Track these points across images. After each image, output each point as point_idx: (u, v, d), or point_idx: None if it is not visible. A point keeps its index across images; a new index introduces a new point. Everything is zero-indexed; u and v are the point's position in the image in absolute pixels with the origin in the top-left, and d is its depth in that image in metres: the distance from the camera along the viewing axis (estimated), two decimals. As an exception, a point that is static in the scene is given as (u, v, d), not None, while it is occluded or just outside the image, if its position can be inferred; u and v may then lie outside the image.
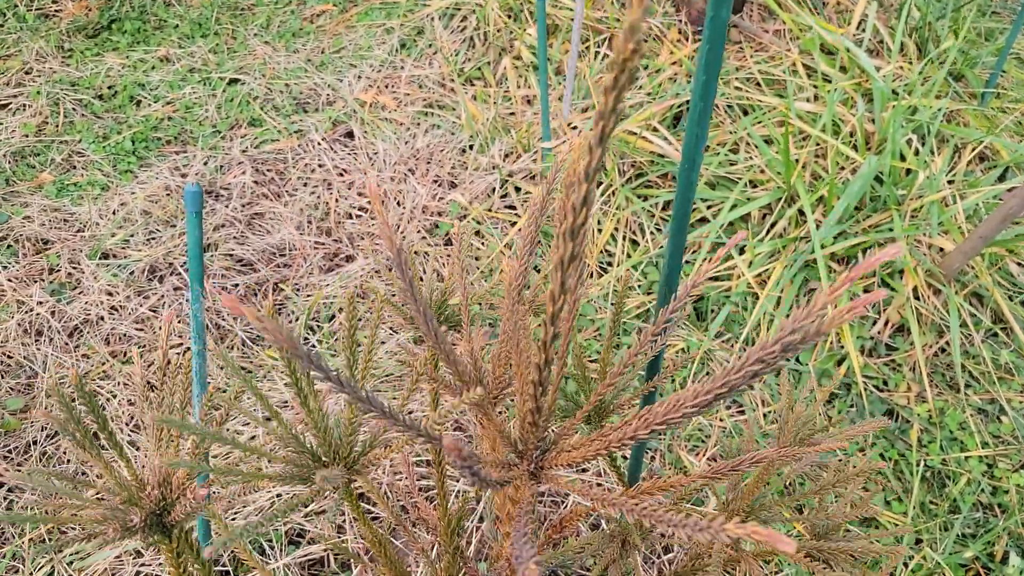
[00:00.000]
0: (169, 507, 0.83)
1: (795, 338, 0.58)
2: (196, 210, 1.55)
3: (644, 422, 0.69)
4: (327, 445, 0.82)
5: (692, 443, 2.34)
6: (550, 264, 0.52)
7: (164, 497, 0.82)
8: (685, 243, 1.14)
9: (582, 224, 0.50)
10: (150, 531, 0.80)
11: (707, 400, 0.65)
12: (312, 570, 2.04)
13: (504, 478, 0.73)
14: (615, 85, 0.44)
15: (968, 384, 2.50)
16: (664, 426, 0.68)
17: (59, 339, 2.53)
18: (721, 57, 0.99)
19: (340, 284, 2.74)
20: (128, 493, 0.79)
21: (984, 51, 3.38)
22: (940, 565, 2.09)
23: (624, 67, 0.43)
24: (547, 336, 0.59)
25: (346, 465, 0.85)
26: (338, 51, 3.79)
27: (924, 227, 2.67)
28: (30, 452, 2.24)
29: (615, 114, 0.45)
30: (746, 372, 0.62)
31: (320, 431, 0.81)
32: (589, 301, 2.68)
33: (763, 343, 0.60)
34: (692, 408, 0.65)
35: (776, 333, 0.59)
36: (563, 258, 0.51)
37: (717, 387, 0.63)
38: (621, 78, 0.43)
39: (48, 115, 3.37)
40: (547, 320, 0.58)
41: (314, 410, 0.81)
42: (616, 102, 0.45)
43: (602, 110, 0.45)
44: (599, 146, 0.46)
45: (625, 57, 0.42)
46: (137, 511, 0.80)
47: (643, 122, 3.05)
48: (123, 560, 2.00)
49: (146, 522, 0.79)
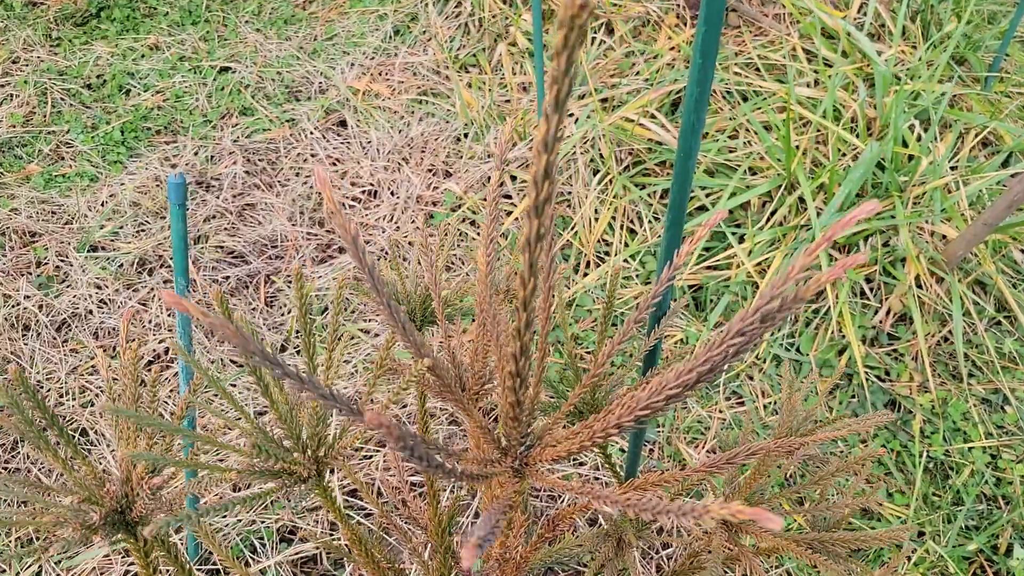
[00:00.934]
0: (131, 504, 0.78)
1: (774, 305, 0.54)
2: (180, 201, 1.50)
3: (627, 408, 0.65)
4: (295, 438, 0.78)
5: (691, 435, 2.30)
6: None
7: (125, 494, 0.78)
8: (683, 232, 1.09)
9: (546, 200, 0.46)
10: (112, 529, 0.76)
11: (690, 380, 0.61)
12: (305, 568, 2.00)
13: (484, 472, 0.69)
14: (566, 44, 0.40)
15: (971, 374, 2.46)
16: (648, 411, 0.64)
17: (47, 333, 2.48)
18: (718, 40, 0.94)
19: (333, 276, 2.69)
20: (87, 491, 0.75)
21: (987, 34, 3.32)
22: (943, 558, 2.06)
23: (573, 25, 0.39)
24: (520, 322, 0.55)
25: (315, 457, 0.81)
26: (331, 38, 3.73)
27: (927, 214, 2.63)
28: (17, 450, 2.20)
29: (568, 77, 0.42)
30: (727, 347, 0.58)
31: (284, 420, 0.77)
32: (587, 292, 2.63)
33: (742, 314, 0.56)
34: (675, 390, 0.62)
35: (755, 302, 0.55)
36: (529, 237, 0.47)
37: (699, 365, 0.60)
38: (571, 37, 0.40)
39: (36, 105, 3.32)
40: (519, 306, 0.54)
41: (278, 401, 0.77)
42: (569, 63, 0.41)
43: (555, 74, 0.42)
44: (555, 112, 0.43)
45: (573, 14, 0.39)
46: (96, 509, 0.75)
47: (640, 109, 3.00)
48: (111, 559, 1.96)
49: (106, 520, 0.75)
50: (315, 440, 0.80)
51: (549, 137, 0.43)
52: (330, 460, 0.81)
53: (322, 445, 0.82)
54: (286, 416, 0.77)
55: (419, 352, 0.67)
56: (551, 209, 0.47)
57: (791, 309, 0.54)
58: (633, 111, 2.99)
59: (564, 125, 0.44)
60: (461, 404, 0.78)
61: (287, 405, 0.77)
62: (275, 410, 0.76)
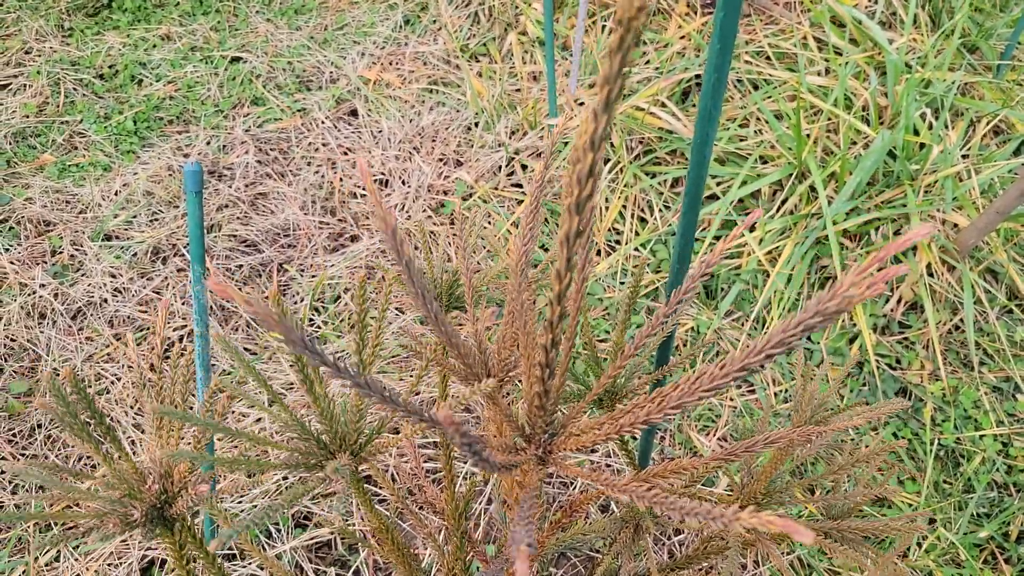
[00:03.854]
0: (171, 501, 0.80)
1: (816, 321, 0.55)
2: (196, 189, 1.51)
3: (658, 405, 0.66)
4: (333, 432, 0.79)
5: (703, 423, 2.32)
6: (556, 241, 0.49)
7: (165, 490, 0.80)
8: (698, 220, 1.10)
9: (588, 197, 0.47)
10: (152, 525, 0.78)
11: (724, 383, 0.62)
12: (319, 553, 2.03)
13: (510, 462, 0.70)
14: (621, 46, 0.40)
15: (983, 362, 2.46)
16: (678, 409, 0.65)
17: (62, 322, 2.50)
18: (736, 25, 0.95)
19: (345, 264, 2.71)
20: (128, 487, 0.76)
21: (999, 22, 3.30)
22: (954, 545, 2.07)
23: (630, 27, 0.39)
24: (553, 315, 0.56)
25: (352, 452, 0.82)
26: (341, 28, 3.73)
27: (938, 202, 2.62)
28: (34, 436, 2.23)
29: (621, 78, 0.42)
30: (766, 354, 0.59)
31: (326, 418, 0.78)
32: (597, 280, 2.64)
33: (785, 325, 0.57)
34: (708, 391, 0.63)
35: (799, 314, 0.56)
36: (568, 233, 0.48)
37: (735, 370, 0.61)
38: (627, 38, 0.40)
39: (49, 95, 3.33)
40: (553, 299, 0.55)
41: (320, 396, 0.78)
42: (622, 65, 0.41)
43: (607, 74, 0.42)
44: (604, 112, 0.43)
45: (631, 16, 0.39)
46: (138, 505, 0.77)
47: (651, 97, 2.99)
48: (128, 544, 1.99)
49: (147, 516, 0.77)
50: (354, 435, 0.81)
51: (597, 136, 0.44)
52: (367, 456, 0.82)
53: (360, 440, 0.83)
54: (326, 411, 0.78)
55: (449, 341, 0.68)
56: (592, 206, 0.47)
57: (830, 320, 0.55)
58: (644, 100, 2.99)
59: (612, 126, 0.45)
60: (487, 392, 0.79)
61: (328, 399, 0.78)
62: (316, 404, 0.77)
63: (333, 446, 0.81)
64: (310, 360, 0.46)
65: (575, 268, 0.52)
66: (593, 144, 0.44)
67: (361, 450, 0.83)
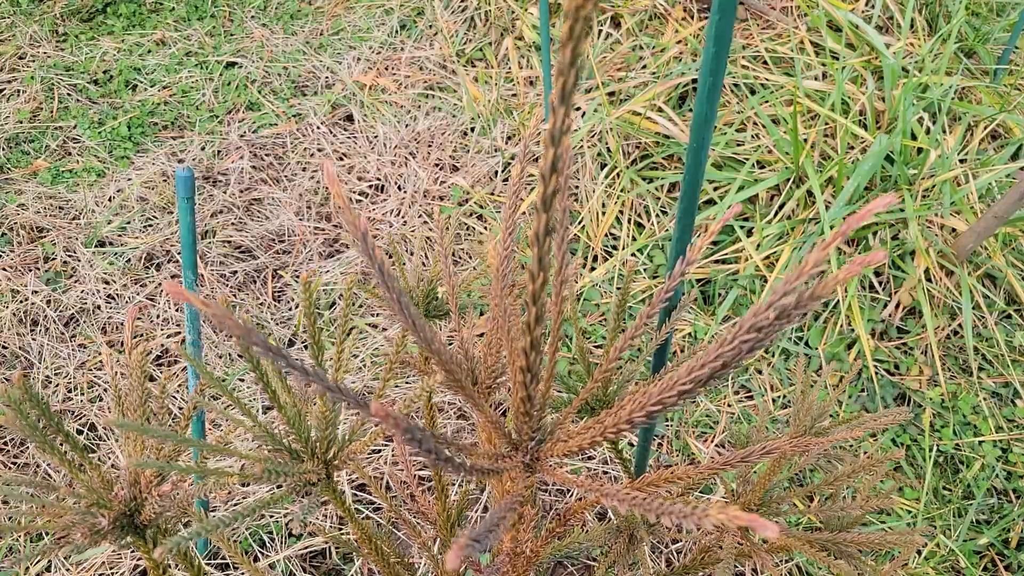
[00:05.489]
0: (139, 507, 0.78)
1: (789, 301, 0.54)
2: (188, 195, 1.50)
3: (638, 404, 0.64)
4: (303, 440, 0.78)
5: (700, 429, 2.30)
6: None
7: (134, 497, 0.78)
8: (694, 224, 1.09)
9: (554, 193, 0.45)
10: (121, 533, 0.76)
11: (702, 376, 0.60)
12: (313, 562, 2.01)
13: (495, 467, 0.69)
14: (571, 35, 0.40)
15: (981, 367, 2.45)
16: (660, 407, 0.64)
17: (55, 329, 2.49)
18: (732, 29, 0.93)
19: (340, 270, 2.69)
20: (95, 495, 0.74)
21: (996, 26, 3.30)
22: (954, 552, 2.05)
23: (578, 16, 0.39)
24: (530, 317, 0.54)
25: (324, 461, 0.81)
26: (337, 33, 3.72)
27: (936, 207, 2.61)
28: (26, 445, 2.21)
29: (574, 68, 0.41)
30: (740, 343, 0.57)
31: (293, 424, 0.77)
32: (594, 285, 2.63)
33: (755, 308, 0.55)
34: (687, 385, 0.61)
35: (767, 297, 0.54)
36: (538, 231, 0.47)
37: (711, 361, 0.59)
38: (576, 28, 0.39)
39: (42, 101, 3.32)
40: (529, 299, 0.53)
41: (286, 405, 0.77)
42: (575, 55, 0.41)
43: (561, 65, 0.41)
44: (562, 104, 0.42)
45: (578, 4, 0.38)
46: (106, 513, 0.75)
47: (648, 102, 2.98)
48: (121, 554, 1.97)
49: (115, 524, 0.75)
50: (324, 443, 0.80)
51: (556, 130, 0.43)
52: (340, 464, 0.80)
53: (331, 448, 0.81)
54: (294, 419, 0.76)
55: (429, 347, 0.67)
56: (561, 203, 0.46)
57: (808, 307, 0.54)
58: (640, 104, 2.98)
59: (571, 118, 0.44)
60: (472, 398, 0.78)
61: (295, 407, 0.77)
62: (282, 413, 0.76)
63: (304, 454, 0.80)
64: (260, 353, 0.45)
65: (548, 267, 0.51)
66: (554, 138, 0.43)
67: (334, 458, 0.81)
